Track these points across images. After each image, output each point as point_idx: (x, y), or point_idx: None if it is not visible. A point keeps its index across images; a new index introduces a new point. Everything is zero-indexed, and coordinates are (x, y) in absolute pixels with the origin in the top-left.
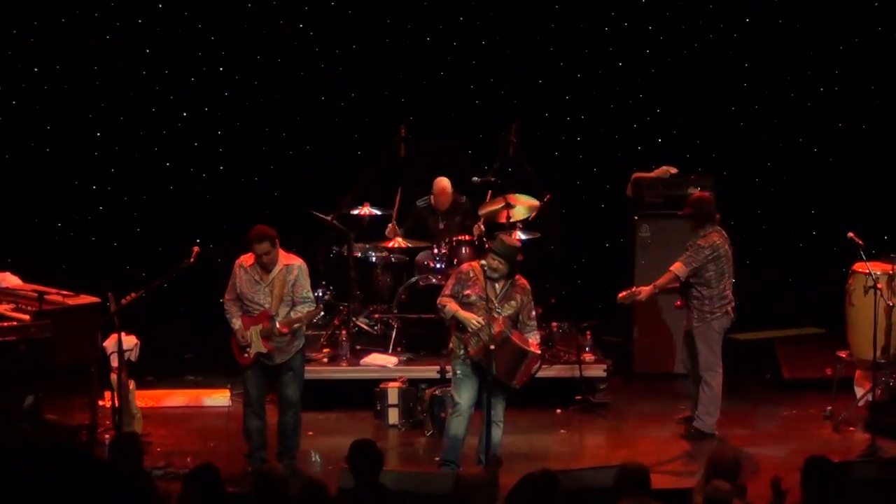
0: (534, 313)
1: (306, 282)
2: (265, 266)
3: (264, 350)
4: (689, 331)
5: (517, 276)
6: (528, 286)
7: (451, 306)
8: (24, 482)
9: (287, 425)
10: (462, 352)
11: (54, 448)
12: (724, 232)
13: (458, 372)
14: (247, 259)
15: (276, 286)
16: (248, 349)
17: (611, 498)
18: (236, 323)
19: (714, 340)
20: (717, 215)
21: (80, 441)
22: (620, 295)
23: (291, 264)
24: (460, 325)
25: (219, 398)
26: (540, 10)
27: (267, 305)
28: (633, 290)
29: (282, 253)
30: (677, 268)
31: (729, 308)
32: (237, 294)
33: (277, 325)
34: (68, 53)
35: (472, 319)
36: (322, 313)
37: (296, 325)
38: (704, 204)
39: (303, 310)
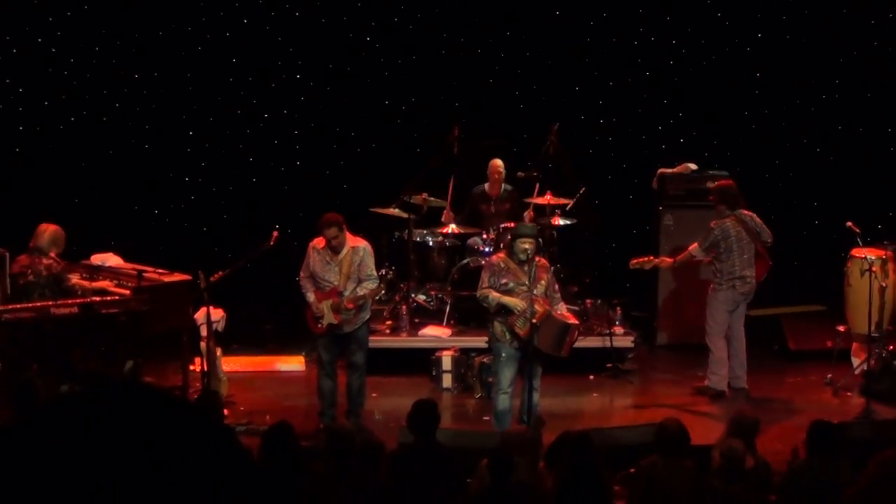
0: (557, 286)
1: (371, 262)
2: (334, 248)
3: (335, 321)
4: None
5: (538, 258)
6: (548, 264)
7: (494, 294)
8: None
9: (353, 387)
10: (508, 336)
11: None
12: (744, 217)
13: (504, 355)
14: (319, 242)
15: (345, 266)
16: (321, 320)
17: (639, 453)
18: (311, 297)
19: (717, 310)
20: (742, 202)
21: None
22: (634, 261)
23: (358, 246)
24: (504, 311)
25: (294, 364)
26: (576, 28)
27: (336, 283)
28: (651, 258)
29: (349, 236)
30: (693, 247)
31: (737, 283)
32: (310, 272)
33: (344, 301)
34: (165, 64)
35: (518, 304)
36: (384, 290)
37: (360, 301)
38: (724, 191)
39: (368, 286)
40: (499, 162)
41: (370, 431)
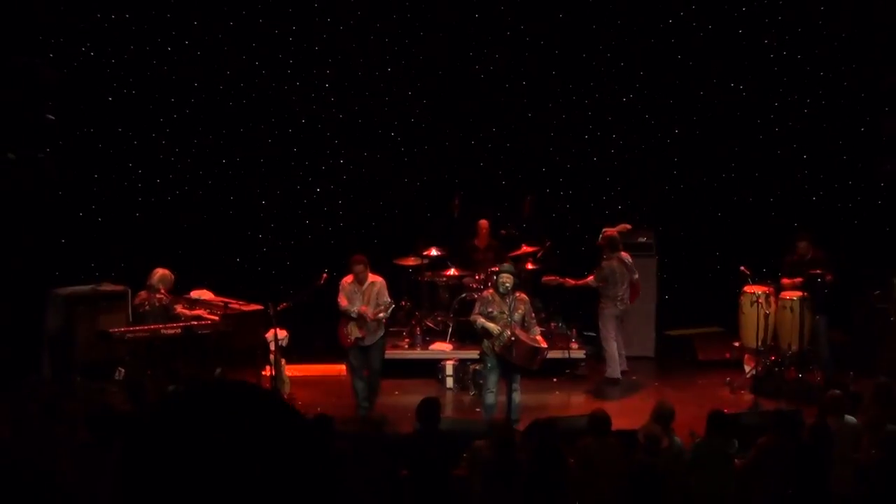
0: (533, 314)
1: (385, 292)
2: (360, 280)
3: (361, 335)
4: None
5: (518, 293)
6: (526, 297)
7: (480, 320)
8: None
9: (371, 385)
10: (490, 351)
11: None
12: (623, 258)
13: (489, 364)
14: (347, 279)
15: (367, 294)
16: (350, 335)
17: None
18: (353, 310)
19: (608, 321)
20: (621, 247)
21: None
22: (545, 278)
23: (376, 281)
24: (487, 333)
25: (338, 371)
26: (541, 128)
27: (362, 306)
28: (558, 278)
29: (369, 273)
30: (591, 278)
31: (618, 303)
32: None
33: (369, 314)
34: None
35: (494, 328)
36: (391, 309)
37: (380, 315)
38: (610, 239)
39: (383, 305)
40: (485, 222)
41: (382, 415)
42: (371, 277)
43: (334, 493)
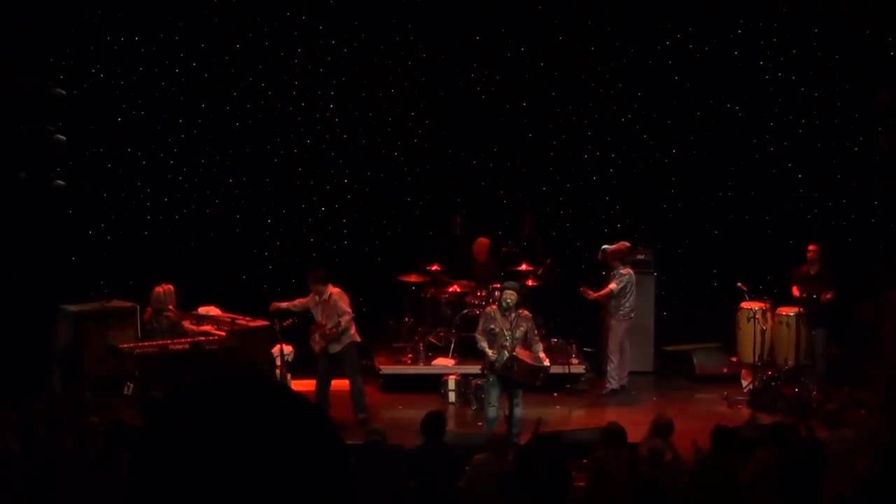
0: (536, 331)
1: (342, 303)
2: (319, 292)
3: (323, 345)
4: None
5: (522, 310)
6: (529, 315)
7: (482, 344)
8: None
9: (353, 393)
10: (491, 368)
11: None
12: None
13: (491, 379)
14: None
15: (325, 306)
16: (317, 343)
17: (590, 449)
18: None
19: (618, 334)
20: (629, 260)
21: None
22: (583, 288)
23: (333, 292)
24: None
25: (343, 386)
26: (540, 145)
27: (320, 318)
28: (590, 292)
29: (329, 286)
30: (612, 286)
31: (631, 316)
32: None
33: (327, 329)
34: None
35: (491, 354)
36: (347, 320)
37: (334, 330)
38: (621, 252)
39: (342, 319)
40: (485, 240)
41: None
42: (330, 289)
43: (352, 491)
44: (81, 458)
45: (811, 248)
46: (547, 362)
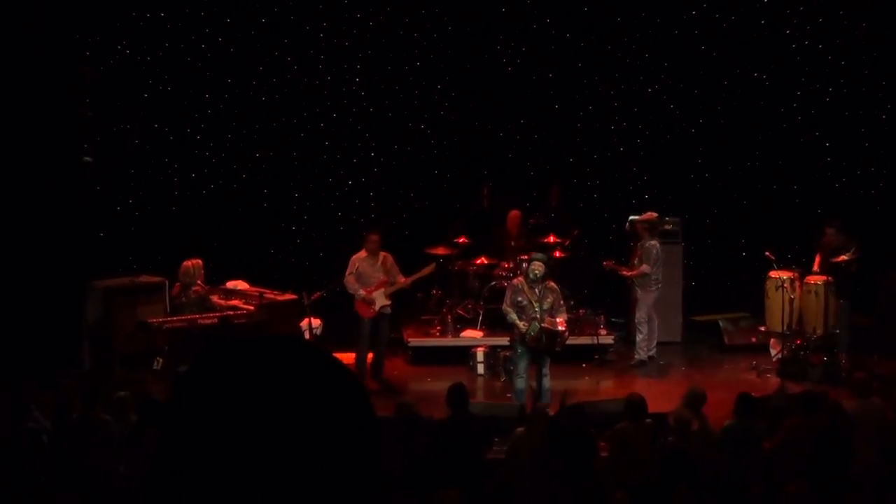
0: (562, 301)
1: (395, 265)
2: (374, 252)
3: (387, 303)
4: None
5: (549, 281)
6: (556, 286)
7: (511, 316)
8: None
9: (378, 360)
10: (520, 339)
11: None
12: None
13: (519, 350)
14: (360, 255)
15: (385, 266)
16: (373, 305)
17: (618, 419)
18: (361, 292)
19: (648, 305)
20: (658, 231)
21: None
22: (605, 262)
23: (387, 254)
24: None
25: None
26: (569, 116)
27: (382, 276)
28: (616, 267)
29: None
30: (644, 267)
31: (660, 286)
32: (357, 275)
33: (398, 284)
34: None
35: (521, 326)
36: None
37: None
38: (650, 223)
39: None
40: (516, 212)
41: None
42: (381, 252)
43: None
44: (117, 432)
45: (829, 230)
46: (561, 327)
